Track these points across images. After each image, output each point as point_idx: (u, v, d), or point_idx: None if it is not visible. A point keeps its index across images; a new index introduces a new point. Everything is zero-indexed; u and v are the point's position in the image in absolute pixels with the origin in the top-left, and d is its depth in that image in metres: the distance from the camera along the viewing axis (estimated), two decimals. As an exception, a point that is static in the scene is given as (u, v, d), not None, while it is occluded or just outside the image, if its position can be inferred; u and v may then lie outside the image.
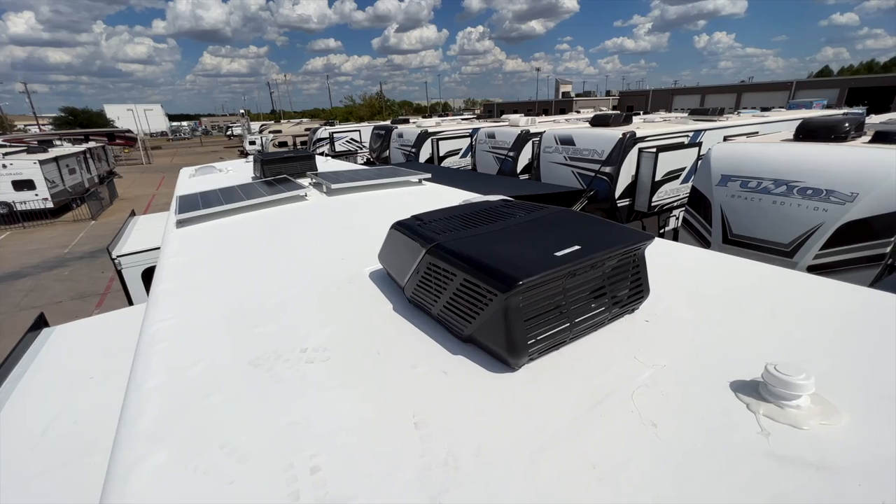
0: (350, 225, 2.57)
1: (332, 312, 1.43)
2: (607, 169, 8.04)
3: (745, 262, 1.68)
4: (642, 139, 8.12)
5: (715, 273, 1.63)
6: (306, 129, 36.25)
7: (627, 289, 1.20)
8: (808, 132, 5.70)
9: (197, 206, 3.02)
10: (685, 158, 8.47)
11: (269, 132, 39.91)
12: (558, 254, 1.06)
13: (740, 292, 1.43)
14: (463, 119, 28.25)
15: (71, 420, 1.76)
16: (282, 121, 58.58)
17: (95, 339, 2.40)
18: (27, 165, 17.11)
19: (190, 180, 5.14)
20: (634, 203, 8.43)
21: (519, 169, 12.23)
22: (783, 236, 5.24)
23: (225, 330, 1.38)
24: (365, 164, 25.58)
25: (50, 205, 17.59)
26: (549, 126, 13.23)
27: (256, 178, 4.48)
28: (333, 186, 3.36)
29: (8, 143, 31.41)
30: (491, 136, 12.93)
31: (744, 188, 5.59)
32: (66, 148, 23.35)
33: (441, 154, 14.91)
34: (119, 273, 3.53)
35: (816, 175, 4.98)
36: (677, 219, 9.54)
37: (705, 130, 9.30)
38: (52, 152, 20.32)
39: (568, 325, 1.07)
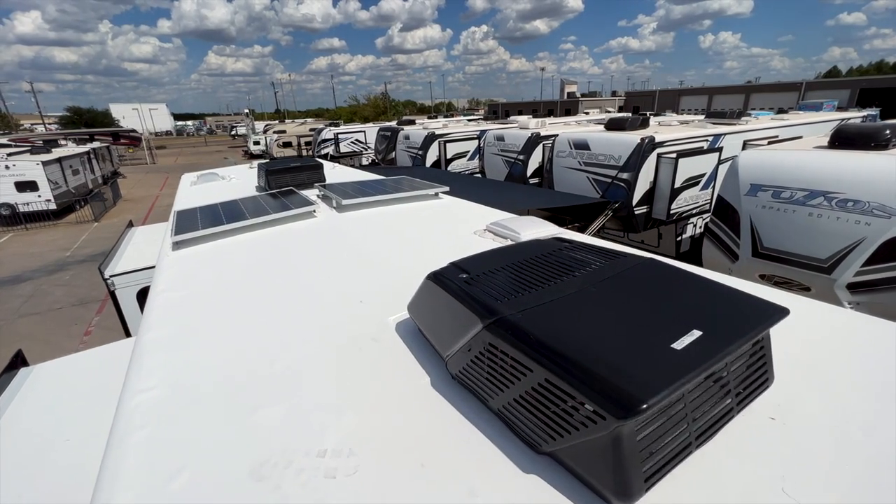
0: (366, 252, 2.28)
1: (354, 389, 1.14)
2: (625, 175, 7.73)
3: (869, 321, 1.36)
4: (661, 144, 7.80)
5: (832, 335, 1.31)
6: (311, 130, 36.04)
7: (752, 377, 0.91)
8: (844, 139, 5.37)
9: (195, 224, 2.74)
10: (705, 164, 8.14)
11: (274, 132, 39.72)
12: (677, 346, 0.76)
13: (884, 371, 1.11)
14: (469, 120, 27.96)
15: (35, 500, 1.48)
16: (286, 120, 58.46)
17: (77, 384, 2.12)
18: (30, 166, 16.93)
19: (191, 189, 4.87)
20: (652, 210, 8.11)
21: (529, 173, 11.92)
22: (820, 251, 4.91)
23: (220, 411, 1.09)
24: (370, 165, 25.41)
25: (53, 206, 17.41)
26: (561, 129, 12.92)
27: (261, 188, 4.21)
28: (344, 202, 3.07)
29: (13, 143, 31.39)
30: (500, 138, 12.63)
31: (776, 199, 5.26)
32: (70, 148, 23.23)
33: (448, 157, 14.63)
34: (112, 294, 3.27)
35: (858, 186, 4.65)
36: (695, 226, 9.21)
37: (724, 134, 8.96)
38: (56, 153, 20.16)
39: (688, 435, 0.78)
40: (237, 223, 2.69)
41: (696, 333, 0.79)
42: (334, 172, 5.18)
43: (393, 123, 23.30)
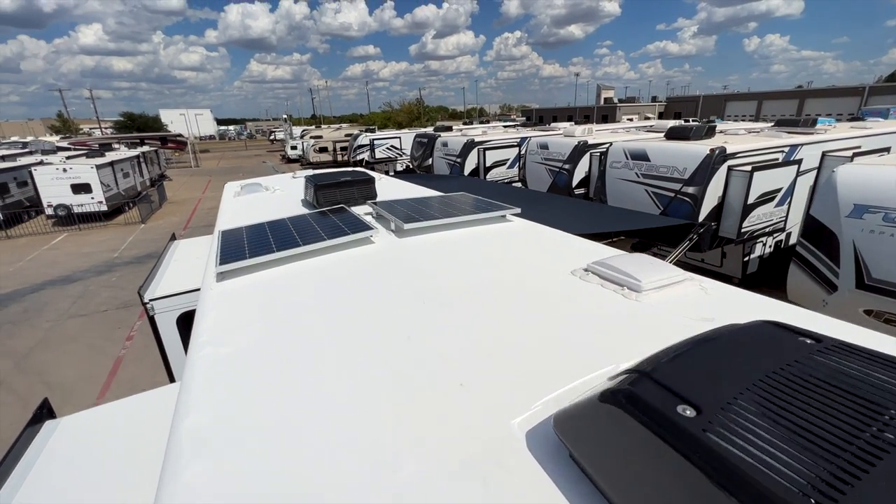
0: (445, 298, 1.86)
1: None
2: (690, 189, 7.05)
3: None
4: (732, 156, 7.08)
5: None
6: (346, 135, 36.52)
7: None
8: (975, 154, 4.56)
9: (241, 250, 2.42)
10: (782, 178, 7.34)
11: (311, 137, 40.54)
12: None
13: None
14: (506, 126, 27.46)
15: None
16: (322, 126, 59.79)
17: (105, 442, 1.82)
18: (85, 170, 17.74)
19: (235, 201, 4.65)
20: (719, 228, 7.37)
21: (574, 183, 11.33)
22: (950, 286, 4.15)
23: None
24: (404, 171, 25.35)
25: (104, 208, 18.16)
26: (609, 136, 12.24)
27: (308, 203, 3.92)
28: (406, 226, 2.69)
29: (72, 147, 33.42)
30: (544, 146, 12.09)
31: (888, 222, 4.52)
32: (122, 152, 24.35)
33: (487, 164, 14.21)
34: (151, 319, 3.01)
35: None
36: (765, 245, 8.37)
37: (801, 145, 8.09)
38: (109, 156, 21.13)
39: None
40: (287, 251, 2.35)
41: None
42: (382, 184, 4.84)
43: (430, 130, 23.12)
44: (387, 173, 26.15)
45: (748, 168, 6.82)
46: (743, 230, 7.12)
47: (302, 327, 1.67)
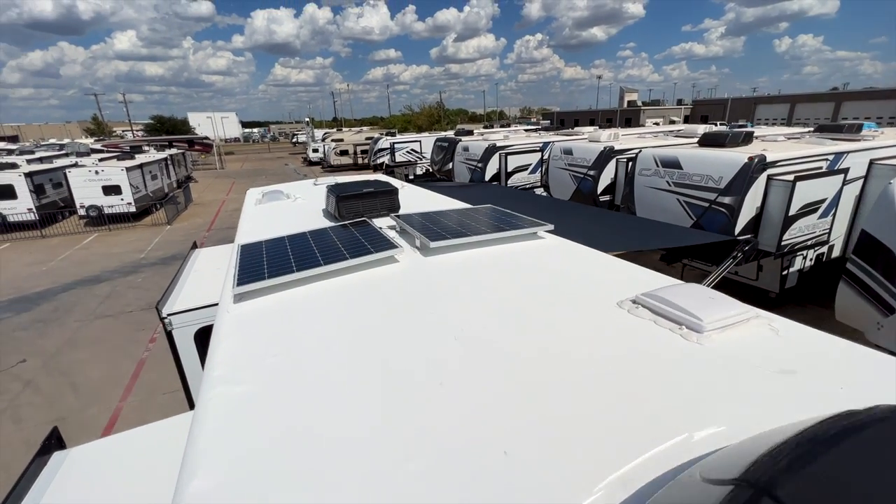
0: (478, 330, 1.69)
1: None
2: (726, 199, 6.68)
3: None
4: (772, 164, 6.69)
5: None
6: (367, 139, 36.81)
7: None
8: None
9: (261, 268, 2.30)
10: (826, 188, 6.89)
11: (332, 140, 41.03)
12: None
13: None
14: (527, 130, 27.14)
15: None
16: (343, 129, 60.54)
17: (116, 475, 1.71)
18: (115, 172, 18.29)
19: (256, 209, 4.59)
20: (757, 240, 6.97)
21: (599, 190, 11.01)
22: None
23: None
24: (424, 175, 25.33)
25: (133, 209, 18.69)
26: (636, 142, 11.87)
27: (329, 214, 3.81)
28: (432, 245, 2.52)
29: (106, 149, 34.67)
30: (568, 151, 11.80)
31: (956, 241, 4.13)
32: (151, 155, 25.09)
33: (509, 169, 13.97)
34: (169, 335, 2.93)
35: None
36: (805, 258, 7.90)
37: (847, 153, 7.61)
38: (138, 159, 21.78)
39: None
40: (308, 271, 2.22)
41: None
42: (404, 193, 4.70)
43: (450, 134, 23.03)
44: (406, 177, 26.27)
45: (790, 178, 6.42)
46: (783, 243, 6.71)
47: (322, 365, 1.52)
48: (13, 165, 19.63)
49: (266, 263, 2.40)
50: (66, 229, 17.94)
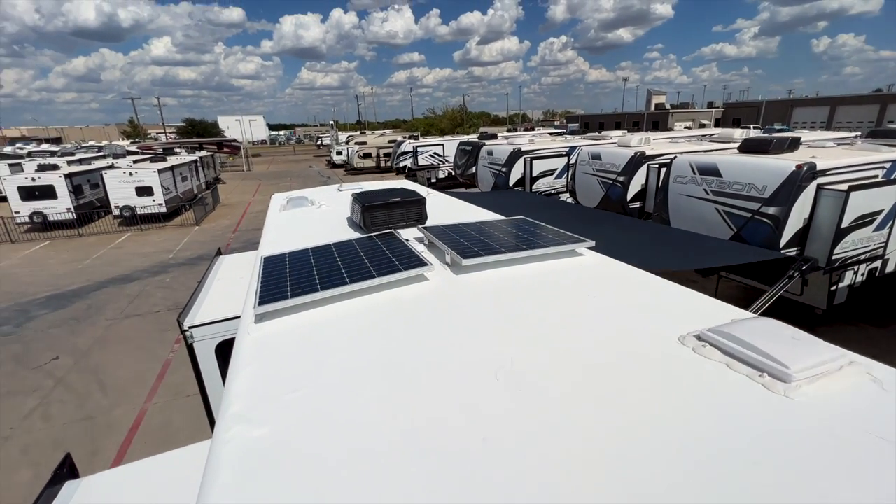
0: (519, 366, 1.50)
1: None
2: (771, 210, 6.27)
3: None
4: (823, 172, 6.24)
5: None
6: (390, 142, 37.02)
7: None
8: None
9: (283, 286, 2.18)
10: (883, 199, 6.39)
11: (355, 143, 41.46)
12: None
13: None
14: (552, 133, 26.72)
15: None
16: (366, 132, 61.19)
17: (127, 501, 1.60)
18: (148, 173, 18.89)
19: (280, 216, 4.52)
20: (804, 252, 6.52)
21: (629, 196, 10.63)
22: None
23: None
24: (446, 178, 25.19)
25: (163, 210, 19.25)
26: (668, 147, 11.42)
27: (354, 223, 3.68)
28: (465, 263, 2.35)
29: (140, 151, 36.02)
30: (596, 157, 11.47)
31: None
32: (182, 157, 25.84)
33: (534, 174, 13.71)
34: (190, 348, 2.85)
35: None
36: (857, 273, 7.35)
37: (906, 160, 7.05)
38: (170, 161, 22.47)
39: None
40: (332, 290, 2.08)
41: None
42: (431, 201, 4.54)
43: (474, 137, 22.87)
44: (428, 180, 26.17)
45: (844, 187, 5.97)
46: (834, 257, 6.25)
47: (346, 409, 1.36)
48: (54, 167, 20.55)
49: (289, 280, 2.27)
50: (101, 228, 18.61)
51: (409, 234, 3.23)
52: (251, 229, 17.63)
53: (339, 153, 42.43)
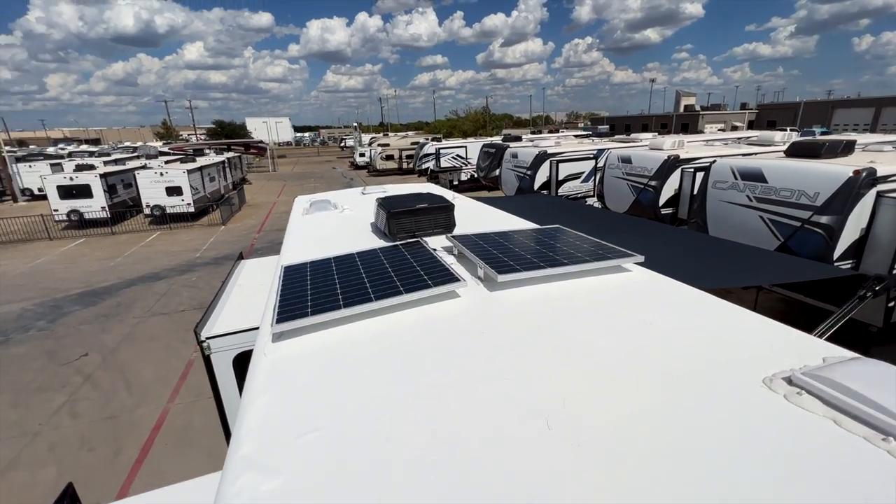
0: (569, 406, 1.27)
1: None
2: (823, 219, 5.80)
3: None
4: (884, 179, 5.74)
5: None
6: (412, 144, 37.07)
7: None
8: None
9: (304, 301, 2.01)
10: (952, 208, 5.81)
11: (378, 145, 41.72)
12: None
13: None
14: (577, 135, 26.16)
15: None
16: (389, 133, 61.60)
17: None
18: (178, 174, 19.39)
19: (302, 220, 4.40)
20: (860, 266, 6.02)
21: (661, 202, 10.17)
22: None
23: None
24: (468, 181, 24.96)
25: (192, 210, 19.71)
26: (703, 150, 10.90)
27: (379, 230, 3.51)
28: (500, 279, 2.13)
29: (171, 152, 37.20)
30: (626, 160, 11.04)
31: None
32: (210, 158, 26.48)
33: (560, 178, 13.34)
34: (206, 359, 2.73)
35: None
36: (918, 289, 6.74)
37: (977, 166, 6.42)
38: (199, 161, 23.03)
39: None
40: (356, 307, 1.89)
41: None
42: (458, 206, 4.33)
43: (498, 139, 22.58)
44: (450, 182, 25.97)
45: (908, 195, 5.46)
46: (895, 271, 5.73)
47: (373, 453, 1.16)
48: (91, 167, 21.34)
49: (310, 293, 2.10)
50: (132, 227, 19.20)
51: (437, 243, 3.04)
52: (275, 229, 17.84)
53: (361, 154, 42.77)
